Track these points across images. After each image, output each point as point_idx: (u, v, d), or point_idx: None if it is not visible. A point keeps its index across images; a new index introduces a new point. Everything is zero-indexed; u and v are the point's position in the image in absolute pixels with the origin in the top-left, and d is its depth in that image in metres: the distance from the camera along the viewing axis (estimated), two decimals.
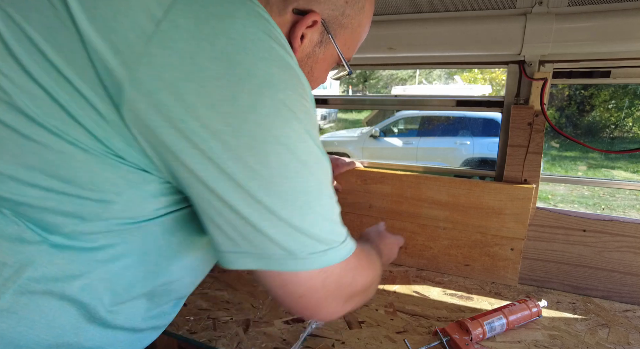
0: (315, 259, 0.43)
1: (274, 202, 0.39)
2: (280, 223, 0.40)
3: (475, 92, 9.38)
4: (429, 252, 1.12)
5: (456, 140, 5.96)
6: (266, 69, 0.37)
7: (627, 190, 5.44)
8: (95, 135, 0.37)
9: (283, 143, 0.38)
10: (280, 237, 0.40)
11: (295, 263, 0.42)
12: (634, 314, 0.92)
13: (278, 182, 0.39)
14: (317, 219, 0.42)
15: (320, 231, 0.43)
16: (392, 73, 16.13)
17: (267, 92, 0.37)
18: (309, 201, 0.41)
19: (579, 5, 0.89)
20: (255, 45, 0.37)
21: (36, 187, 0.38)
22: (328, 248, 0.44)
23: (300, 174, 0.40)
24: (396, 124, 6.67)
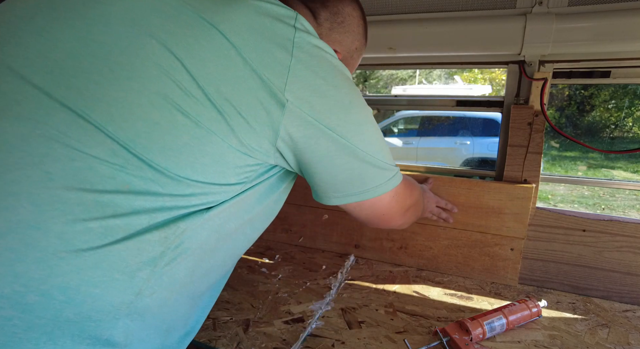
0: (390, 182, 0.61)
1: (372, 151, 0.58)
2: (377, 162, 0.58)
3: (475, 92, 9.37)
4: (429, 252, 1.12)
5: (456, 140, 5.96)
6: (352, 89, 0.56)
7: (627, 190, 5.44)
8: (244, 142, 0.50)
9: (364, 121, 0.58)
10: (375, 175, 0.59)
11: (382, 189, 0.60)
12: (634, 314, 0.92)
13: (370, 139, 0.58)
14: (388, 154, 0.61)
15: (390, 162, 0.62)
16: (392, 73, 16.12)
17: (356, 102, 0.57)
18: (383, 145, 0.61)
19: (579, 5, 0.89)
20: (345, 77, 0.56)
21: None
22: (395, 172, 0.62)
23: (375, 132, 0.60)
24: (396, 124, 6.66)
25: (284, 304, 0.93)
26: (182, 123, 0.45)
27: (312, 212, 1.24)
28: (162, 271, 0.46)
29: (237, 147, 0.48)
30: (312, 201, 1.22)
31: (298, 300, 0.95)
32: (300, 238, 1.26)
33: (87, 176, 0.41)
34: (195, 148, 0.46)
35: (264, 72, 0.47)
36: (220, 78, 0.46)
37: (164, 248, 0.46)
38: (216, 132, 0.46)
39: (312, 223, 1.25)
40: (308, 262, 1.17)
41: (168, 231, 0.46)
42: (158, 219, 0.45)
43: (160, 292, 0.47)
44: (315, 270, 1.11)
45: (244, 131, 0.48)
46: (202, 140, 0.46)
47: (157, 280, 0.46)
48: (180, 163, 0.45)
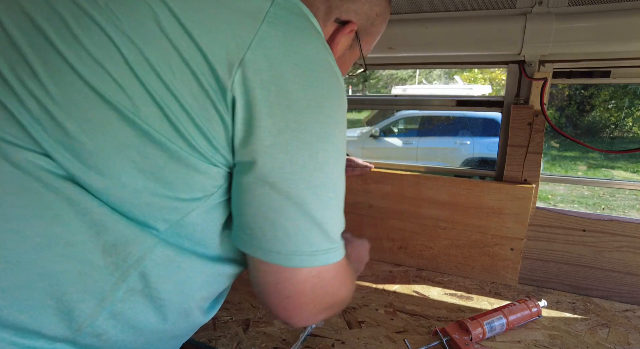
0: (325, 256, 0.46)
1: (307, 195, 0.44)
2: (323, 220, 0.45)
3: (475, 92, 9.37)
4: (429, 252, 1.12)
5: (456, 140, 5.96)
6: (328, 81, 0.44)
7: (627, 190, 5.44)
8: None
9: (330, 142, 0.44)
10: (312, 236, 0.45)
11: (310, 260, 0.45)
12: (634, 314, 0.92)
13: (317, 176, 0.44)
14: (341, 220, 0.49)
15: (339, 230, 0.49)
16: (392, 73, 16.13)
17: (326, 101, 0.44)
18: (341, 205, 0.48)
19: (579, 5, 0.89)
20: (322, 61, 0.44)
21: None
22: (338, 246, 0.48)
23: (341, 183, 0.48)
24: (396, 124, 6.66)
25: None
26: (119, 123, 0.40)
27: None
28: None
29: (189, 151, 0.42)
30: None
31: None
32: None
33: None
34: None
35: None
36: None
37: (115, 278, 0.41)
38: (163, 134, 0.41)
39: None
40: None
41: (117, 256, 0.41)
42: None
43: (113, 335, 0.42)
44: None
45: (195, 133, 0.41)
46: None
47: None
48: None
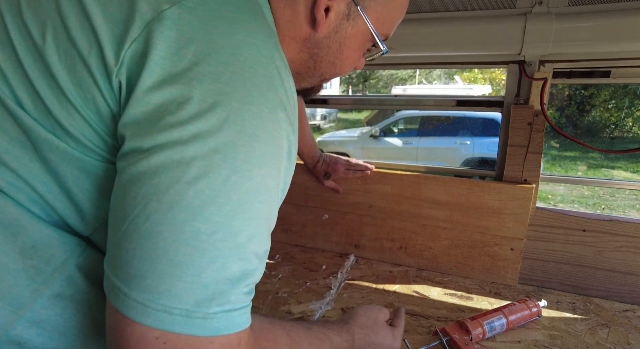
0: (169, 315, 0.34)
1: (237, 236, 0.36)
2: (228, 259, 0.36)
3: (475, 92, 9.37)
4: (429, 252, 1.12)
5: (456, 140, 5.97)
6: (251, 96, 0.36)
7: (627, 190, 5.44)
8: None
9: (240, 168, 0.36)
10: (213, 282, 0.35)
11: (140, 311, 0.34)
12: (634, 314, 0.92)
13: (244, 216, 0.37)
14: (260, 266, 0.40)
15: (251, 283, 0.39)
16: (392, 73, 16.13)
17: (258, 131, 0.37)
18: (264, 242, 0.41)
19: (579, 5, 0.89)
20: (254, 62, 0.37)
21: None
22: (246, 306, 0.38)
23: (264, 209, 0.39)
24: (396, 124, 6.67)
25: (284, 304, 0.93)
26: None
27: (312, 212, 1.24)
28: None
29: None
30: (312, 201, 1.23)
31: (298, 300, 0.95)
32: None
33: None
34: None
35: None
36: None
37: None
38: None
39: (312, 223, 1.25)
40: (308, 262, 1.17)
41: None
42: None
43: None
44: (315, 270, 1.11)
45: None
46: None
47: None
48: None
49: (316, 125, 10.88)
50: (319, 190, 1.20)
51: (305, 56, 0.52)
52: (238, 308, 0.37)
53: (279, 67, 0.39)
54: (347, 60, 0.54)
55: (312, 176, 1.19)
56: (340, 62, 0.54)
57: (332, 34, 0.50)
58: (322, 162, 1.14)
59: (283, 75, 0.40)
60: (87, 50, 0.36)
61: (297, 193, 1.23)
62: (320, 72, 0.55)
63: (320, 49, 0.51)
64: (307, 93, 0.61)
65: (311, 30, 0.49)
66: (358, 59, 0.57)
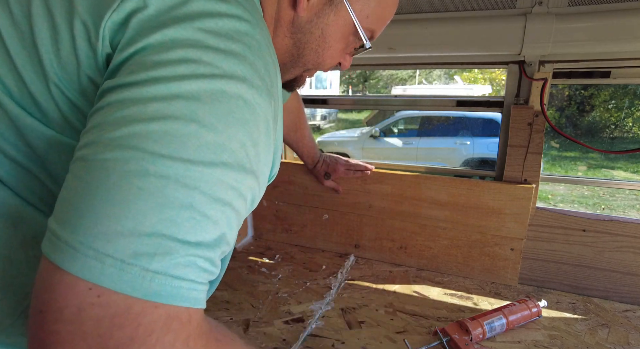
0: (107, 265, 0.29)
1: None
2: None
3: (475, 92, 9.37)
4: (429, 252, 1.12)
5: (456, 140, 5.96)
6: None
7: (627, 190, 5.44)
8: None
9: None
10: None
11: (69, 255, 0.29)
12: (634, 314, 0.92)
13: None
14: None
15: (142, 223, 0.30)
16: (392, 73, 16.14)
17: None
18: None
19: (579, 5, 0.89)
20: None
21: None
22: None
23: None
24: (396, 124, 6.67)
25: (284, 304, 0.93)
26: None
27: (312, 212, 1.24)
28: None
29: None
30: (312, 201, 1.23)
31: (298, 300, 0.95)
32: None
33: None
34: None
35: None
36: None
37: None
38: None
39: (312, 223, 1.25)
40: (308, 262, 1.17)
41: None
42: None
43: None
44: (315, 270, 1.11)
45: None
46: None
47: None
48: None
49: (316, 125, 10.87)
50: (319, 190, 1.20)
51: (290, 42, 0.52)
52: (188, 280, 0.31)
53: (272, 53, 0.39)
54: (330, 50, 0.54)
55: (312, 177, 1.19)
56: (323, 51, 0.54)
57: (314, 18, 0.50)
58: (322, 162, 1.14)
59: (264, 48, 0.39)
60: (70, 29, 0.35)
61: (297, 193, 1.23)
62: (304, 61, 0.55)
63: (303, 34, 0.51)
64: (290, 85, 0.61)
65: (294, 13, 0.49)
66: (343, 52, 0.57)
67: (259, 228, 1.33)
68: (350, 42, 0.55)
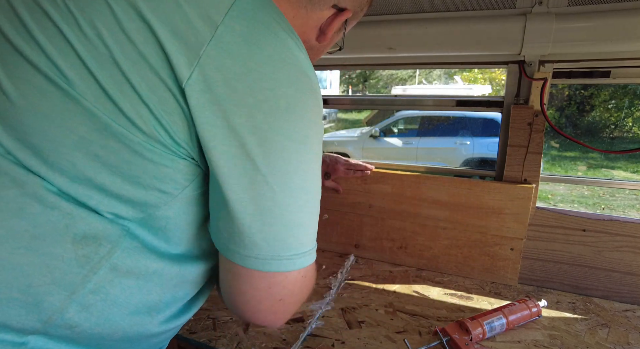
0: (306, 258, 0.48)
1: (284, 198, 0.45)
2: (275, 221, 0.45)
3: (475, 92, 9.37)
4: (429, 252, 1.12)
5: (456, 140, 5.96)
6: (297, 80, 0.42)
7: (627, 190, 5.43)
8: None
9: (304, 143, 0.44)
10: (269, 236, 0.45)
11: (293, 263, 0.47)
12: (634, 314, 0.92)
13: (291, 178, 0.44)
14: (313, 216, 0.52)
15: (313, 228, 0.51)
16: (392, 73, 16.13)
17: (297, 101, 0.42)
18: (309, 199, 0.50)
19: (579, 5, 0.89)
20: (290, 59, 0.42)
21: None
22: (313, 247, 0.51)
23: (309, 172, 0.47)
24: (396, 124, 6.67)
25: None
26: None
27: None
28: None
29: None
30: None
31: None
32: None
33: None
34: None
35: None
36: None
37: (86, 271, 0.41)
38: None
39: None
40: None
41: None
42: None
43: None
44: (315, 270, 1.11)
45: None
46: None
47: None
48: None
49: None
50: None
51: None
52: (314, 252, 0.52)
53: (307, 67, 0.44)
54: (320, 55, 0.63)
55: None
56: (317, 56, 0.63)
57: (326, 44, 0.59)
58: (322, 162, 1.14)
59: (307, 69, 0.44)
60: (158, 64, 0.38)
61: None
62: None
63: (311, 51, 0.58)
64: None
65: (315, 42, 0.57)
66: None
67: None
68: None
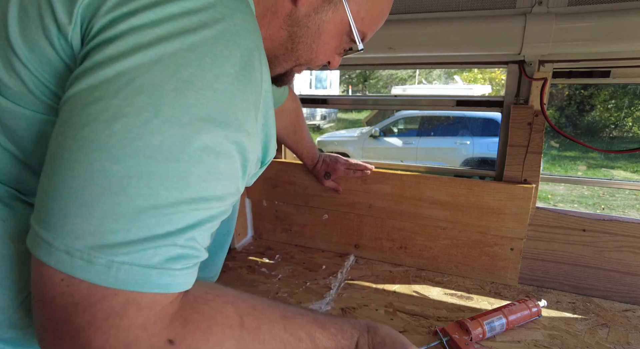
0: (74, 258, 0.32)
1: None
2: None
3: (475, 92, 9.37)
4: (429, 252, 1.12)
5: (456, 140, 5.96)
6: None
7: (627, 189, 5.43)
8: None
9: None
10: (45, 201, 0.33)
11: (44, 249, 0.32)
12: (634, 314, 0.92)
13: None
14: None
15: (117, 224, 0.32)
16: (392, 73, 16.14)
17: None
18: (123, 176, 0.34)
19: (579, 5, 0.89)
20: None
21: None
22: (102, 256, 0.32)
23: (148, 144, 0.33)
24: (396, 124, 6.67)
25: None
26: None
27: (312, 212, 1.24)
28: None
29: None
30: (312, 201, 1.23)
31: (298, 300, 0.95)
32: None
33: None
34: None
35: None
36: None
37: None
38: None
39: (312, 223, 1.25)
40: (308, 262, 1.17)
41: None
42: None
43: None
44: (315, 270, 1.11)
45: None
46: None
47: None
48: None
49: (316, 125, 10.87)
50: (319, 190, 1.20)
51: (285, 34, 0.52)
52: (158, 268, 0.33)
53: (237, 23, 0.37)
54: (324, 46, 0.54)
55: (311, 177, 1.19)
56: (317, 46, 0.54)
57: (312, 13, 0.50)
58: (322, 162, 1.14)
59: (242, 31, 0.37)
60: (37, 11, 0.35)
61: (297, 193, 1.23)
62: (297, 55, 0.54)
63: (300, 28, 0.51)
64: (280, 79, 0.60)
65: (293, 7, 0.49)
66: (334, 51, 0.57)
67: (259, 228, 1.33)
68: (342, 42, 0.56)
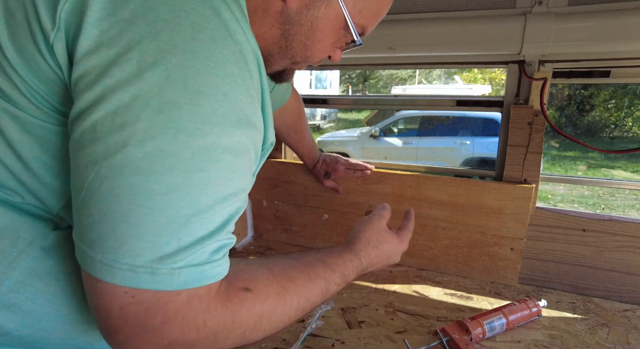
0: (125, 273, 0.35)
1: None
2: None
3: (475, 91, 9.38)
4: (429, 252, 1.12)
5: (456, 140, 5.97)
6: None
7: (627, 189, 5.44)
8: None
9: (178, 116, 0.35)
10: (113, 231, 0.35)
11: (104, 271, 0.35)
12: (634, 314, 0.92)
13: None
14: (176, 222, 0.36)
15: (165, 238, 0.35)
16: (392, 73, 16.14)
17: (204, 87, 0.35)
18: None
19: (578, 5, 0.89)
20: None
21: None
22: (157, 267, 0.35)
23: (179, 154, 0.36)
24: (396, 124, 6.67)
25: None
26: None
27: (312, 212, 1.24)
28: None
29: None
30: (312, 201, 1.23)
31: None
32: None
33: None
34: None
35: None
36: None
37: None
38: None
39: (312, 223, 1.25)
40: None
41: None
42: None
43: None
44: None
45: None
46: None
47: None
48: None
49: (316, 125, 10.87)
50: (319, 190, 1.20)
51: (277, 33, 0.50)
52: (209, 262, 0.37)
53: (227, 19, 0.37)
54: (319, 43, 0.52)
55: (312, 177, 1.19)
56: (312, 44, 0.52)
57: (303, 9, 0.48)
58: (322, 162, 1.14)
59: (232, 26, 0.37)
60: (24, 14, 0.35)
61: (297, 193, 1.23)
62: (292, 53, 0.53)
63: (292, 26, 0.50)
64: (278, 76, 0.59)
65: (283, 4, 0.48)
66: (331, 47, 0.55)
67: (259, 227, 1.33)
68: (341, 36, 0.53)
